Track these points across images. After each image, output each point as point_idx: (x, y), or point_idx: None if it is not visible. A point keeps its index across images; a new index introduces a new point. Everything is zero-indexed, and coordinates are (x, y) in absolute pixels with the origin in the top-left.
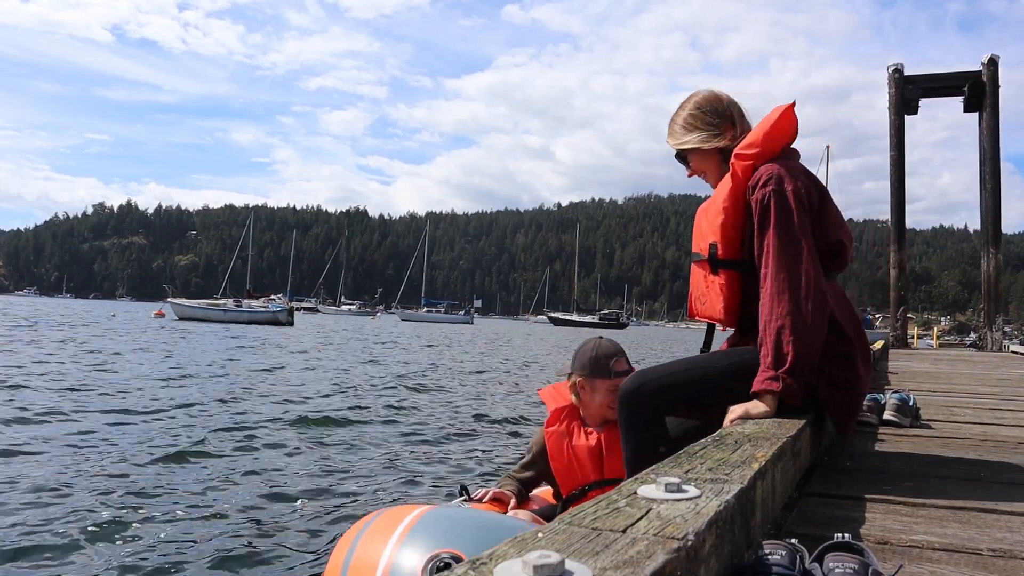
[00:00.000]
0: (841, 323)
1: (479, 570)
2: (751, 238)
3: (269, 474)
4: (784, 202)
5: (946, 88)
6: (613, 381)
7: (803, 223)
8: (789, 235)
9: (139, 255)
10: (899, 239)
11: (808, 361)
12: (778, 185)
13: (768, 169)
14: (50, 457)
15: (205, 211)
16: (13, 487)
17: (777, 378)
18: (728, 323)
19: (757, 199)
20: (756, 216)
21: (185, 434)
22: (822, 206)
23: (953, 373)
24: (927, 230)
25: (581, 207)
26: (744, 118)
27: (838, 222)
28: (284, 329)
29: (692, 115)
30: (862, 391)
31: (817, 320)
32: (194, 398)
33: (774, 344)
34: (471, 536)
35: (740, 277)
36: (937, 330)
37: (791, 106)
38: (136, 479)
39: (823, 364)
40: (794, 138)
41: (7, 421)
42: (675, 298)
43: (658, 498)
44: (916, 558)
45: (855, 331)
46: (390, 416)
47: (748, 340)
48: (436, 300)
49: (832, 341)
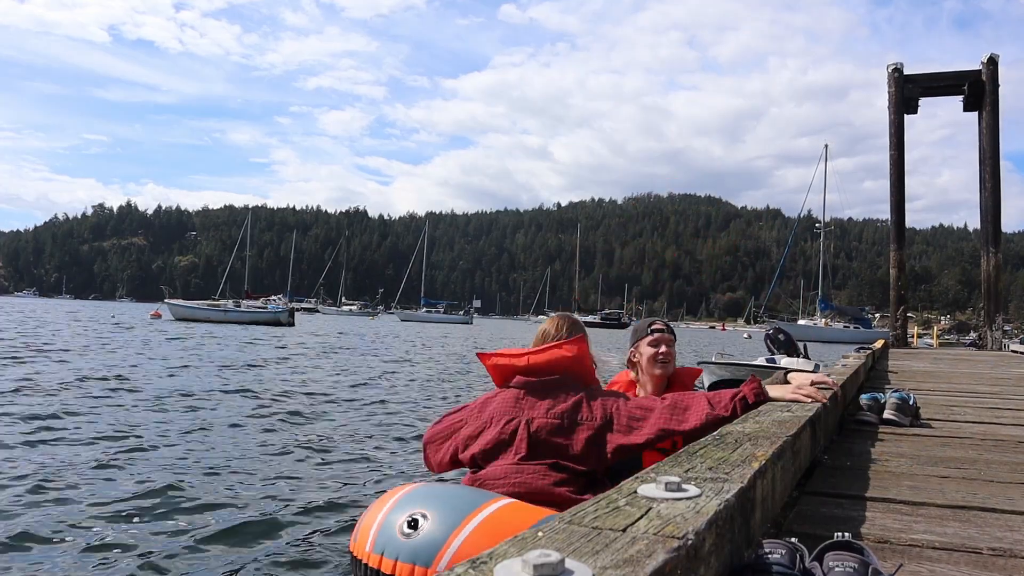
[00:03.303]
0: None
1: (479, 569)
2: None
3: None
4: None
5: (946, 87)
6: (652, 337)
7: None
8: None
9: (139, 256)
10: (899, 238)
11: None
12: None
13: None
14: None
15: (205, 212)
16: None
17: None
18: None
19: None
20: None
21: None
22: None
23: (953, 372)
24: (927, 229)
25: (581, 207)
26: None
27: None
28: (285, 329)
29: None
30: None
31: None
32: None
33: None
34: (440, 502)
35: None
36: (937, 329)
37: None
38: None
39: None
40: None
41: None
42: (675, 298)
43: (658, 497)
44: (916, 557)
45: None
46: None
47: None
48: (435, 300)
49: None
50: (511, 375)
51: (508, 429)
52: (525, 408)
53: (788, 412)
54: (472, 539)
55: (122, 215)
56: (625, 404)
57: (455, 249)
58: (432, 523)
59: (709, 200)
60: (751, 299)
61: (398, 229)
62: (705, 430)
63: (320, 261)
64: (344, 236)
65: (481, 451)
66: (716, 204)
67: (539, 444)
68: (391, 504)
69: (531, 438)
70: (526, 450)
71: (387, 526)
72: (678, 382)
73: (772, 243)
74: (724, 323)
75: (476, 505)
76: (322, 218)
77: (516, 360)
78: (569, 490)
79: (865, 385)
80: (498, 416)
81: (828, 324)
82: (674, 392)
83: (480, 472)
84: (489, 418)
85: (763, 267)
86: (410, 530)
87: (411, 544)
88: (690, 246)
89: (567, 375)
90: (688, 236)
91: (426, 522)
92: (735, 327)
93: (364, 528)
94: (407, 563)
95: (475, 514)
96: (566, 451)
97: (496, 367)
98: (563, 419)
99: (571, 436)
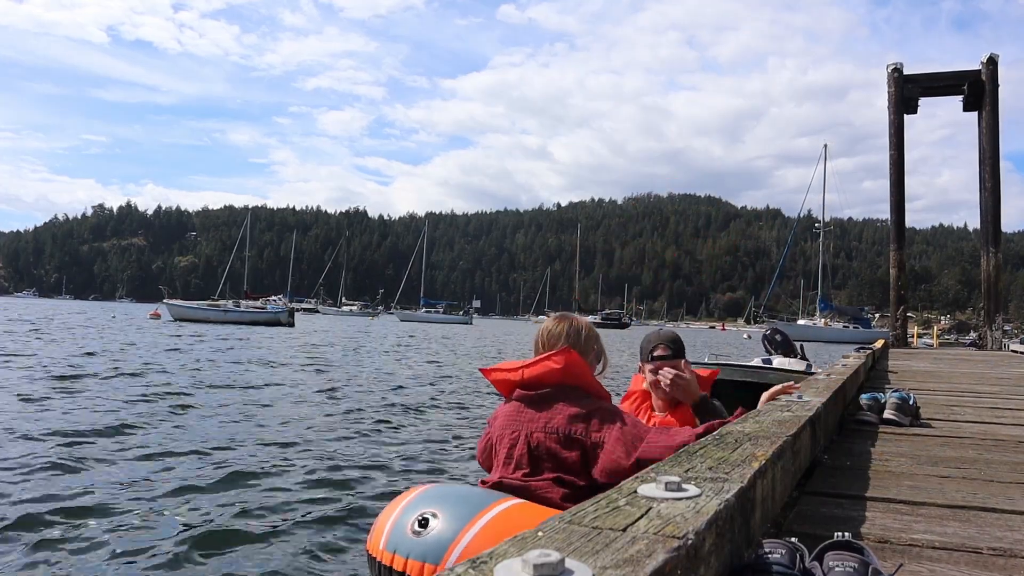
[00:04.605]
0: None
1: (479, 569)
2: None
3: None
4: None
5: (945, 87)
6: (651, 365)
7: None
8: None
9: (139, 256)
10: (899, 238)
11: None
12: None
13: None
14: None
15: (205, 212)
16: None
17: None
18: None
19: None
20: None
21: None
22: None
23: (953, 372)
24: (927, 229)
25: (581, 207)
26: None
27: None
28: (286, 330)
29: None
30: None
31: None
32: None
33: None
34: (451, 502)
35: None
36: (937, 329)
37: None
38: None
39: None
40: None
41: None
42: (675, 297)
43: (658, 497)
44: (916, 557)
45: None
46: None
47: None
48: (435, 300)
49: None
50: (512, 389)
51: (511, 444)
52: (525, 422)
53: (788, 412)
54: (480, 537)
55: (122, 215)
56: (618, 428)
57: (455, 249)
58: (441, 522)
59: (709, 200)
60: (751, 299)
61: (398, 229)
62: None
63: (320, 261)
64: (344, 236)
65: (493, 466)
66: (716, 204)
67: (540, 458)
68: (404, 504)
69: (532, 453)
70: (528, 465)
71: (399, 525)
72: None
73: (772, 243)
74: (724, 323)
75: (485, 504)
76: (322, 218)
77: (512, 375)
78: (574, 502)
79: (865, 385)
80: (504, 431)
81: (828, 324)
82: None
83: (492, 486)
84: (499, 434)
85: (763, 267)
86: (420, 528)
87: (421, 542)
88: (690, 246)
89: (563, 386)
90: (688, 236)
91: (436, 521)
92: (735, 327)
93: (378, 527)
94: (417, 560)
95: (484, 513)
96: (565, 465)
97: (497, 382)
98: (559, 432)
99: (568, 450)
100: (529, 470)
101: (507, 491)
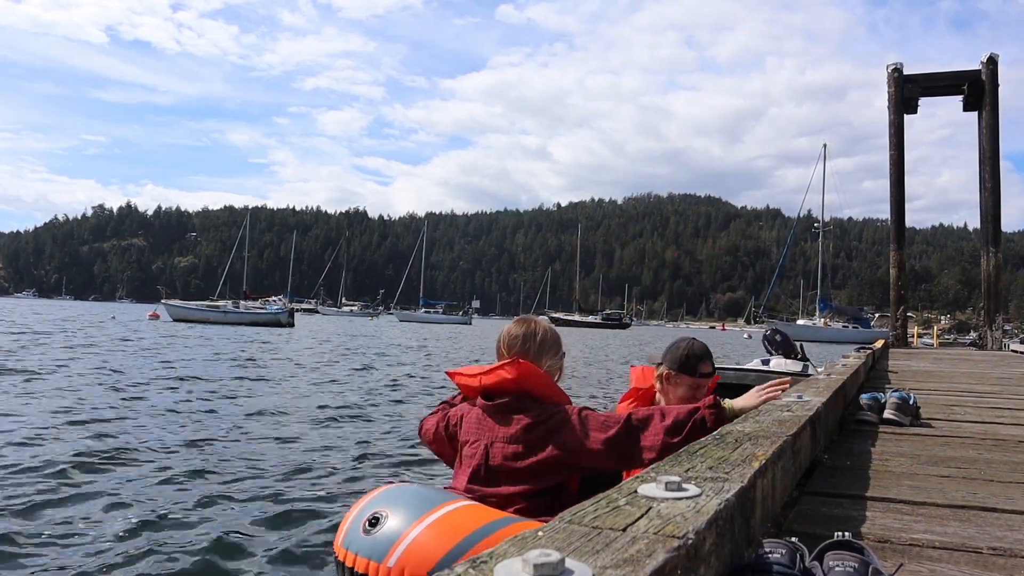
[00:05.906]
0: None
1: (479, 569)
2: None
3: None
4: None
5: (945, 87)
6: (696, 380)
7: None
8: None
9: (139, 257)
10: (899, 238)
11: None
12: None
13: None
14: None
15: (205, 212)
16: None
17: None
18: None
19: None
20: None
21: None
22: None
23: (953, 372)
24: (927, 229)
25: (581, 207)
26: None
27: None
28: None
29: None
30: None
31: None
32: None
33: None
34: (402, 501)
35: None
36: (937, 329)
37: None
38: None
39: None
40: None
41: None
42: (675, 297)
43: (658, 496)
44: (916, 557)
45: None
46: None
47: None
48: (434, 301)
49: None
50: (475, 395)
51: (473, 453)
52: (486, 431)
53: (788, 412)
54: (423, 536)
55: (122, 216)
56: (576, 429)
57: (455, 249)
58: (390, 520)
59: (709, 200)
60: (751, 299)
61: (398, 229)
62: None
63: (320, 262)
64: (344, 237)
65: (455, 465)
66: (716, 204)
67: (498, 470)
68: (363, 504)
69: (489, 464)
70: (485, 475)
71: (355, 524)
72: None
73: (772, 243)
74: (724, 323)
75: (435, 504)
76: (322, 219)
77: (471, 381)
78: (529, 510)
79: (865, 385)
80: (469, 436)
81: (828, 324)
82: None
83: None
84: (464, 439)
85: (763, 267)
86: (371, 527)
87: (370, 540)
88: (690, 246)
89: (520, 394)
90: (688, 236)
91: (385, 520)
92: (735, 327)
93: (341, 526)
94: (364, 558)
95: (431, 512)
96: (522, 476)
97: (462, 386)
98: (517, 443)
99: (525, 459)
100: (486, 479)
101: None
